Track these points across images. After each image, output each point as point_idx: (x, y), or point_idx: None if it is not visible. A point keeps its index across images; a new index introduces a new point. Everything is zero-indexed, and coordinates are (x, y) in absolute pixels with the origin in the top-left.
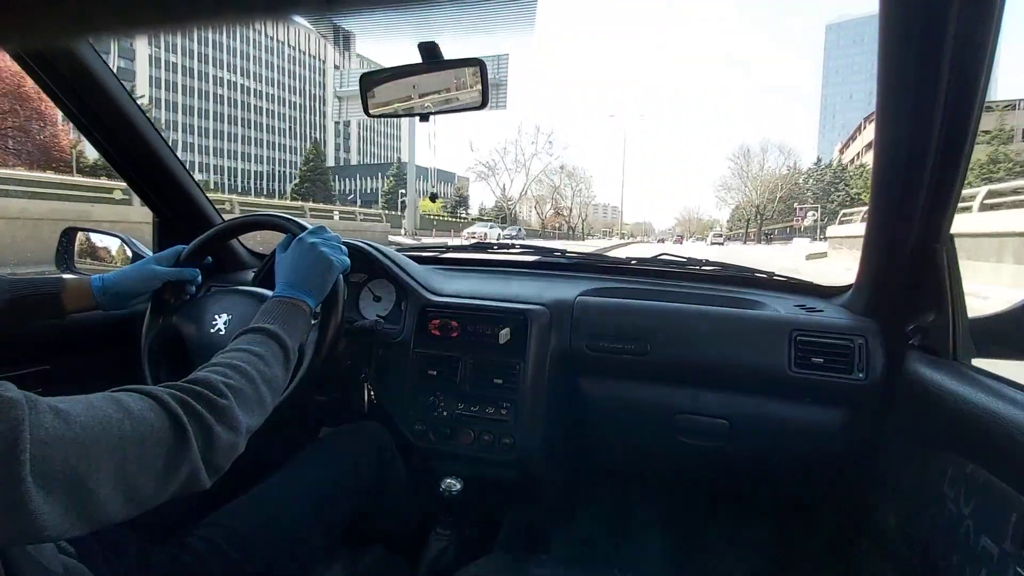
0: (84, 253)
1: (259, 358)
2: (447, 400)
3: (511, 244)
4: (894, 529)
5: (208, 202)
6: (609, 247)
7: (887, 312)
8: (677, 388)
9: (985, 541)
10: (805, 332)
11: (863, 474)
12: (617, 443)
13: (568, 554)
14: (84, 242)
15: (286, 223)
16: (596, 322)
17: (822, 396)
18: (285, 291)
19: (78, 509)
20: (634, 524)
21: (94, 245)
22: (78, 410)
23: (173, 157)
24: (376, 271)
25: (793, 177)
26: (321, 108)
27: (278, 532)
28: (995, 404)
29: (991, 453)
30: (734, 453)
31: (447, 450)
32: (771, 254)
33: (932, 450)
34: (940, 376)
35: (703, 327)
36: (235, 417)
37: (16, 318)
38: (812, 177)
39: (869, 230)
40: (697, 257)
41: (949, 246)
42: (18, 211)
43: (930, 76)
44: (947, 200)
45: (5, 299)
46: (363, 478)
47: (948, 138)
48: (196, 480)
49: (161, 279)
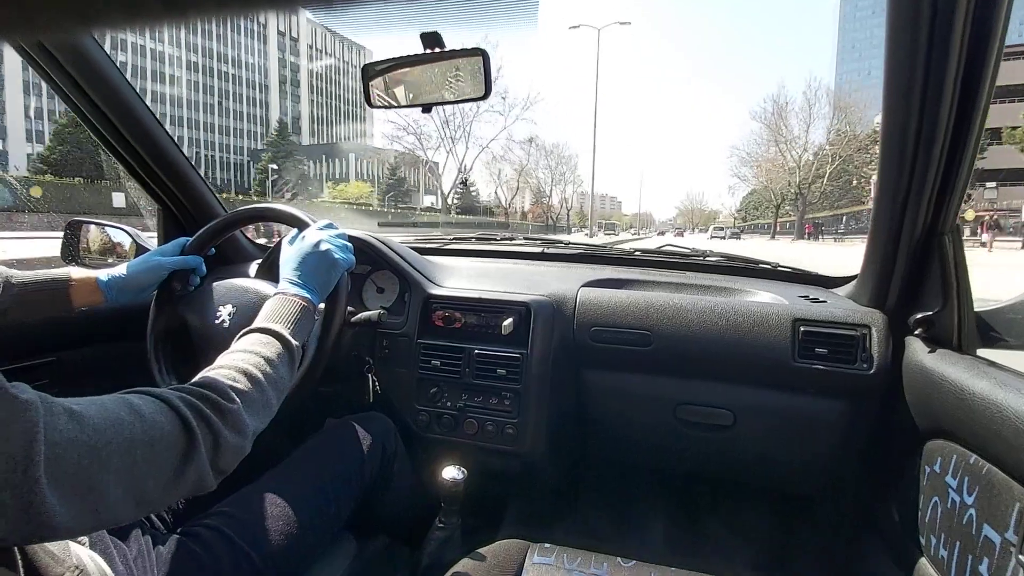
0: (89, 246)
1: (265, 361)
2: (451, 391)
3: (514, 236)
4: (897, 518)
5: (212, 193)
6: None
7: (892, 302)
8: (680, 379)
9: (988, 530)
10: (809, 323)
11: (866, 464)
12: (620, 434)
13: (571, 543)
14: (89, 234)
15: (292, 216)
16: (599, 313)
17: (825, 387)
18: (289, 287)
19: (89, 509)
20: (637, 514)
21: (99, 238)
22: (91, 412)
23: (176, 148)
24: (379, 263)
25: (851, 144)
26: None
27: (284, 521)
28: (999, 395)
29: (994, 444)
30: (737, 444)
31: (451, 440)
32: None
33: (935, 440)
34: (944, 366)
35: (706, 318)
36: (242, 421)
37: (24, 313)
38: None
39: (874, 219)
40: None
41: (955, 236)
42: None
43: (939, 65)
44: (953, 190)
45: (13, 294)
46: (367, 468)
47: (956, 128)
48: (203, 483)
49: (167, 269)
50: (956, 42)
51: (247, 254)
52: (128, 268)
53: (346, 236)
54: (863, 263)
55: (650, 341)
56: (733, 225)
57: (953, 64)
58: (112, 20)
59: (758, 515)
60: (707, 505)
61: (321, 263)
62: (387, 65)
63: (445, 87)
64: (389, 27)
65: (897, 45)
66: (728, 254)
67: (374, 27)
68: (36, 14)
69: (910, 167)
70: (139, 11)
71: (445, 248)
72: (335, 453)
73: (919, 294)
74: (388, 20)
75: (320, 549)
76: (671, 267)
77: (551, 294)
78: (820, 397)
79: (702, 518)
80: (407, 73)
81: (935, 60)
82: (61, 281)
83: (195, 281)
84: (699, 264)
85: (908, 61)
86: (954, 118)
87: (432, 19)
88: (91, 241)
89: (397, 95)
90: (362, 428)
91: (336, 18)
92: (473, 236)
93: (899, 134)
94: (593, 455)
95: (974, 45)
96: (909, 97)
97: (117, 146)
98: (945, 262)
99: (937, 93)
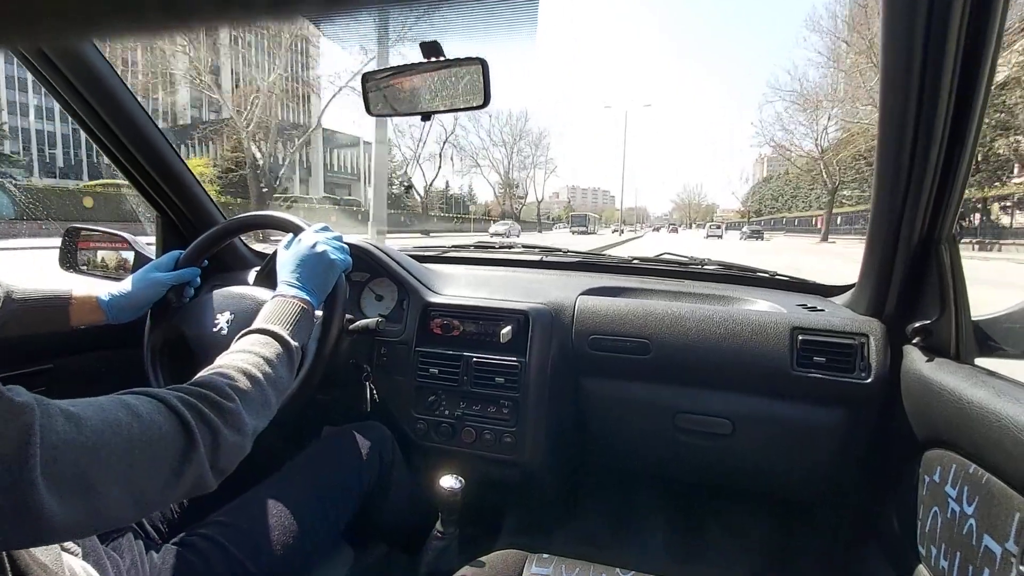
0: (88, 253)
1: (264, 360)
2: (449, 399)
3: (512, 244)
4: (896, 528)
5: (211, 201)
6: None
7: (889, 311)
8: (679, 388)
9: (988, 541)
10: (807, 332)
11: (865, 473)
12: (619, 442)
13: (570, 552)
14: (88, 242)
15: (287, 222)
16: (597, 322)
17: (824, 396)
18: (288, 289)
19: (88, 511)
20: (636, 522)
21: (98, 245)
22: (88, 413)
23: (175, 155)
24: (378, 270)
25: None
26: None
27: (281, 531)
28: (997, 404)
29: (993, 453)
30: (736, 453)
31: (449, 449)
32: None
33: (934, 450)
34: (942, 375)
35: (705, 327)
36: (242, 420)
37: (22, 329)
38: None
39: (872, 228)
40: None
41: (952, 245)
42: None
43: (934, 74)
44: (950, 199)
45: (12, 309)
46: (365, 477)
47: (952, 136)
48: (202, 483)
49: (165, 285)
50: (951, 50)
51: (246, 261)
52: (128, 287)
53: (341, 238)
54: (860, 272)
55: (649, 349)
56: (747, 220)
57: (948, 73)
58: (113, 27)
59: (757, 524)
60: (706, 513)
61: (319, 264)
62: (387, 74)
63: (444, 96)
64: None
65: (893, 54)
66: (726, 262)
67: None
68: (37, 21)
69: (907, 176)
70: (140, 19)
71: (444, 256)
72: (333, 461)
73: (917, 303)
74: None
75: (317, 558)
76: (669, 275)
77: (549, 302)
78: (818, 406)
79: (701, 526)
80: (406, 82)
81: (930, 69)
82: (62, 299)
83: (190, 293)
84: (697, 272)
85: (904, 70)
86: (950, 127)
87: (432, 30)
88: (89, 248)
89: (396, 103)
90: (360, 436)
91: (337, 27)
92: (472, 244)
93: (895, 142)
94: (592, 464)
95: (969, 53)
96: (905, 106)
97: (116, 153)
98: (943, 271)
99: (933, 101)
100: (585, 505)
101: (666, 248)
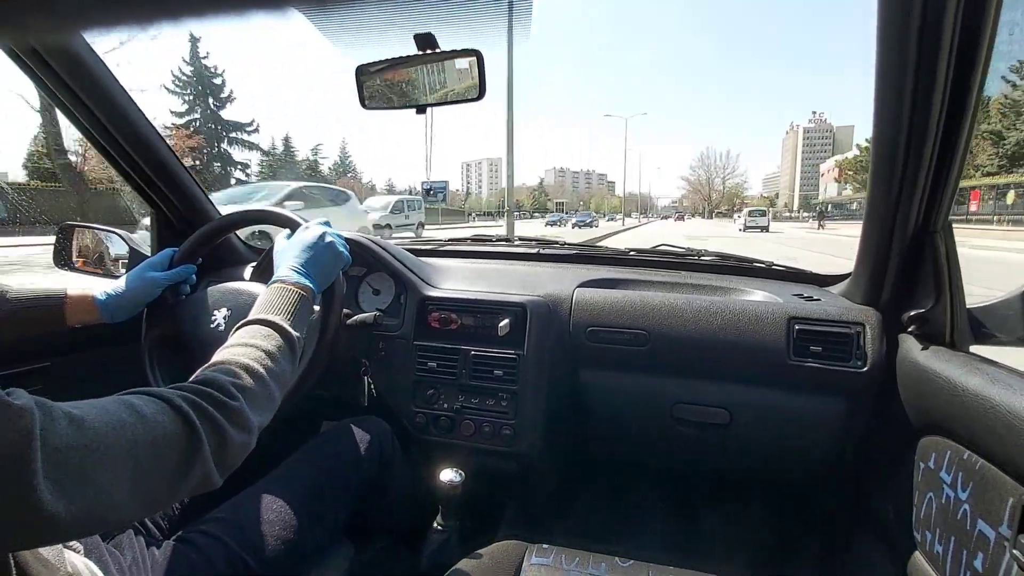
0: (82, 250)
1: (266, 354)
2: (447, 392)
3: (509, 237)
4: (892, 515)
5: (206, 197)
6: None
7: (885, 300)
8: (676, 378)
9: (982, 525)
10: (803, 321)
11: (861, 461)
12: (617, 433)
13: (569, 543)
14: (82, 239)
15: (285, 217)
16: (595, 313)
17: (821, 385)
18: (290, 274)
19: (95, 512)
20: (634, 513)
21: (92, 242)
22: (91, 415)
23: (169, 152)
24: (375, 264)
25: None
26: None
27: (280, 526)
28: (991, 391)
29: (987, 439)
30: (733, 442)
31: (448, 442)
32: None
33: (929, 437)
34: (937, 363)
35: (702, 317)
36: (246, 417)
37: (17, 328)
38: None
39: (867, 217)
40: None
41: (947, 233)
42: None
43: (930, 64)
44: (945, 188)
45: (7, 309)
46: (364, 471)
47: (947, 126)
48: (208, 480)
49: (161, 285)
50: (946, 40)
51: (242, 257)
52: (123, 287)
53: (340, 234)
54: (856, 261)
55: (646, 341)
56: (819, 205)
57: (944, 62)
58: (104, 22)
59: (754, 512)
60: (704, 503)
61: (326, 254)
62: (381, 66)
63: (439, 88)
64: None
65: (888, 44)
66: (722, 253)
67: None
68: (26, 16)
69: (902, 165)
70: (131, 13)
71: (441, 249)
72: (332, 456)
73: (912, 291)
74: (380, 22)
75: (317, 553)
76: (666, 267)
77: (547, 295)
78: (815, 394)
79: (699, 516)
80: (401, 74)
81: (925, 58)
82: (57, 298)
83: (185, 290)
84: (694, 263)
85: (899, 59)
86: (945, 116)
87: (425, 23)
88: (84, 246)
89: (391, 96)
90: (359, 431)
91: (329, 22)
92: (469, 238)
93: (891, 132)
94: (590, 454)
95: (964, 43)
96: (900, 95)
97: (110, 149)
98: (937, 259)
99: (928, 91)
100: (584, 496)
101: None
